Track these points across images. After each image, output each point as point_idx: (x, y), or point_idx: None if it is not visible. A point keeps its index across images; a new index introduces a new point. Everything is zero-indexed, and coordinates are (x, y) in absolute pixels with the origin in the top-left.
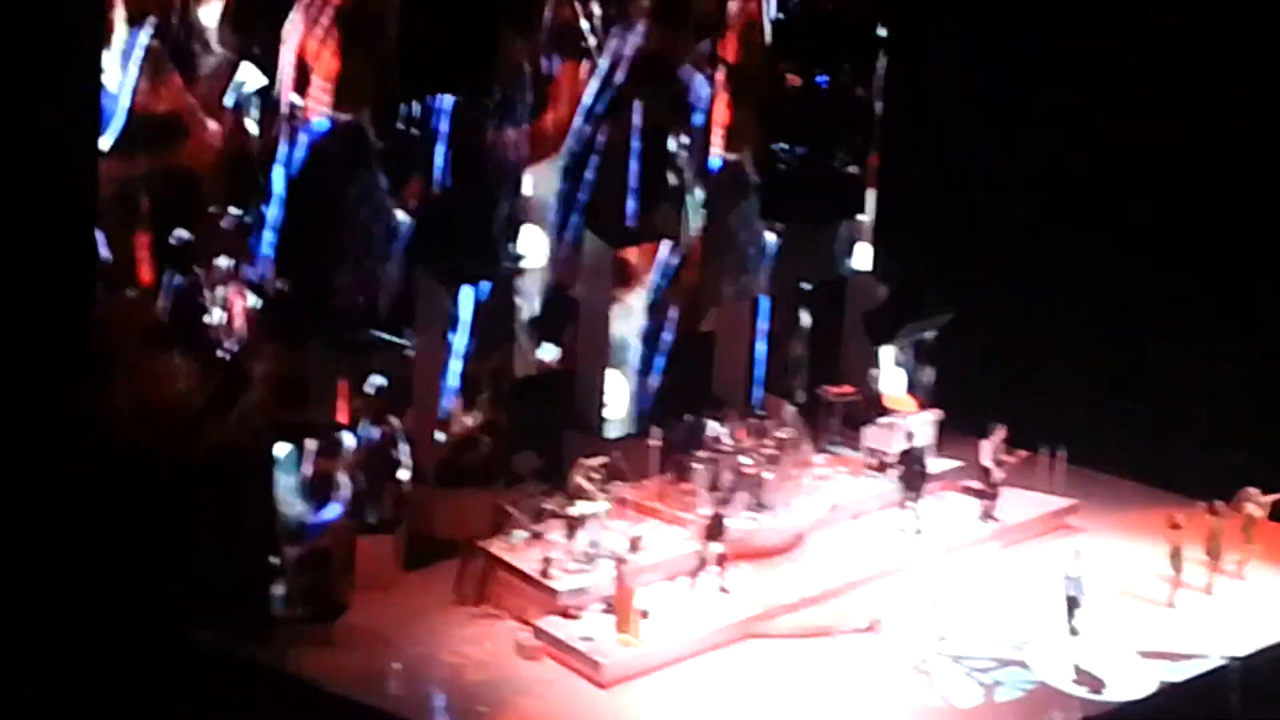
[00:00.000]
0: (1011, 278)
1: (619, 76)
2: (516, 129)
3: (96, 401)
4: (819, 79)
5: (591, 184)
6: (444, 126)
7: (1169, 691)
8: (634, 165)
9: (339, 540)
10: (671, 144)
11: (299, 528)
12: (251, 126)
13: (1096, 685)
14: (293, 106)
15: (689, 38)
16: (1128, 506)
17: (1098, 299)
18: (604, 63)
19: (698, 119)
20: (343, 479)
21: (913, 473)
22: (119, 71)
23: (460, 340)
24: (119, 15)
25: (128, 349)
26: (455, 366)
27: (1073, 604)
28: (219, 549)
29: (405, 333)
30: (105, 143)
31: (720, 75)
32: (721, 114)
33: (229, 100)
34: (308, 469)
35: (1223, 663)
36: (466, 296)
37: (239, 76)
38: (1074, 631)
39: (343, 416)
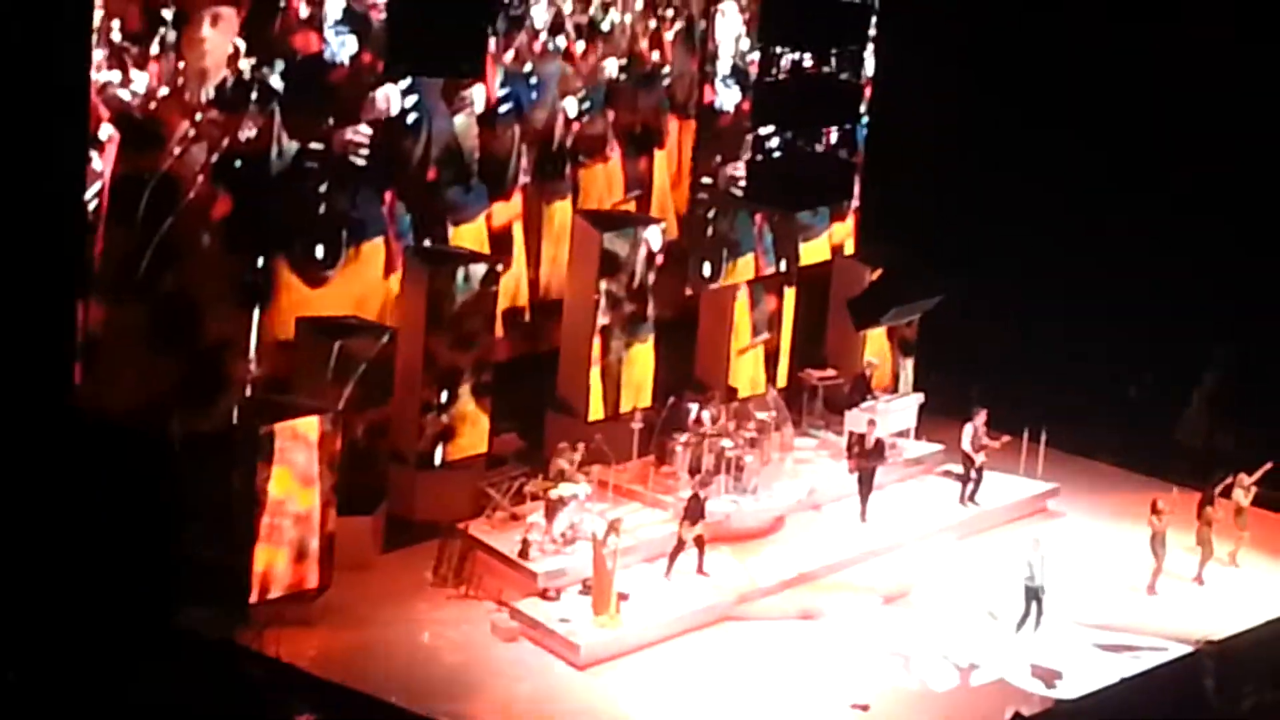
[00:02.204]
0: (996, 261)
1: None
2: None
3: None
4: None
5: None
6: None
7: (1133, 682)
8: None
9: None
10: None
11: None
12: None
13: (1052, 677)
14: None
15: None
16: (1109, 491)
17: (1083, 282)
18: None
19: None
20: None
21: (863, 458)
22: None
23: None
24: None
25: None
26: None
27: (1031, 594)
28: (200, 527)
29: None
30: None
31: None
32: None
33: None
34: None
35: (1193, 650)
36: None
37: None
38: (1024, 623)
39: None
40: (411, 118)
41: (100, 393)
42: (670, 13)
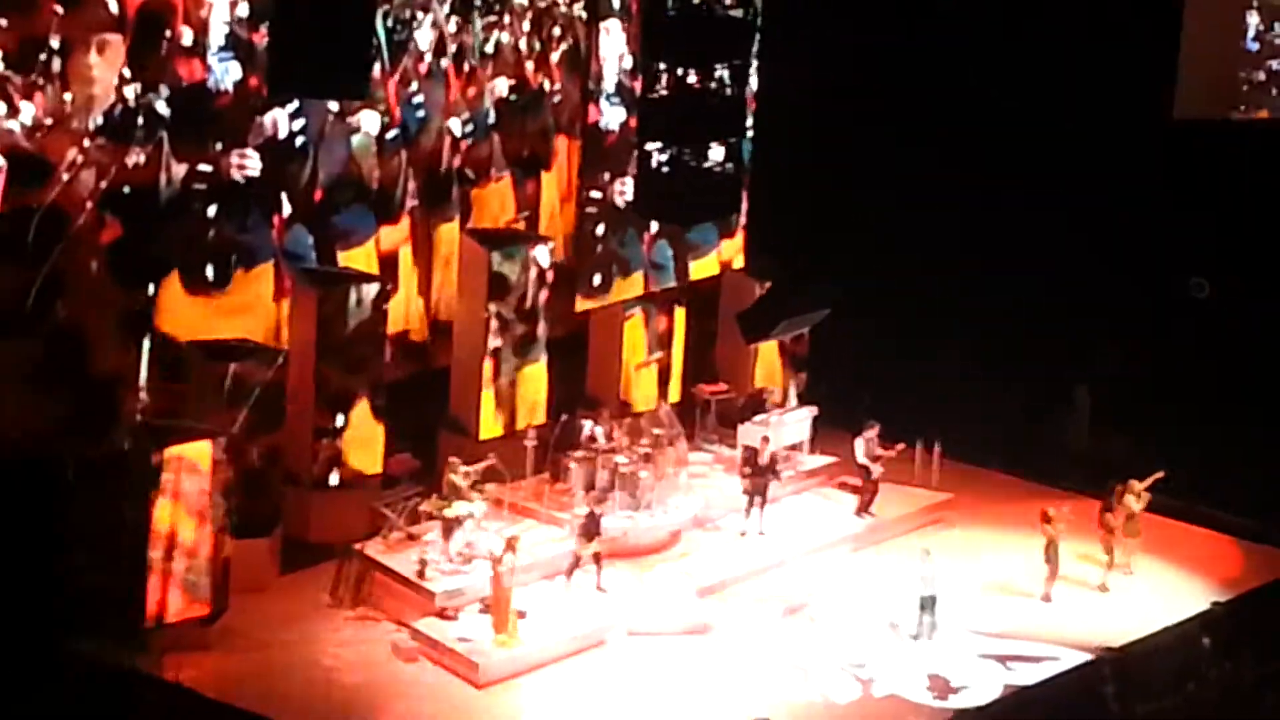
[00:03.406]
0: (886, 271)
1: None
2: None
3: None
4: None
5: None
6: None
7: (1032, 691)
8: None
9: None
10: None
11: None
12: None
13: (950, 689)
14: None
15: None
16: (1003, 500)
17: (971, 289)
18: None
19: None
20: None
21: (757, 474)
22: None
23: None
24: None
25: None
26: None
27: (924, 605)
28: (92, 554)
29: None
30: None
31: None
32: None
33: None
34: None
35: (1092, 657)
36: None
37: None
38: (919, 634)
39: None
40: (299, 141)
41: None
42: (556, 32)
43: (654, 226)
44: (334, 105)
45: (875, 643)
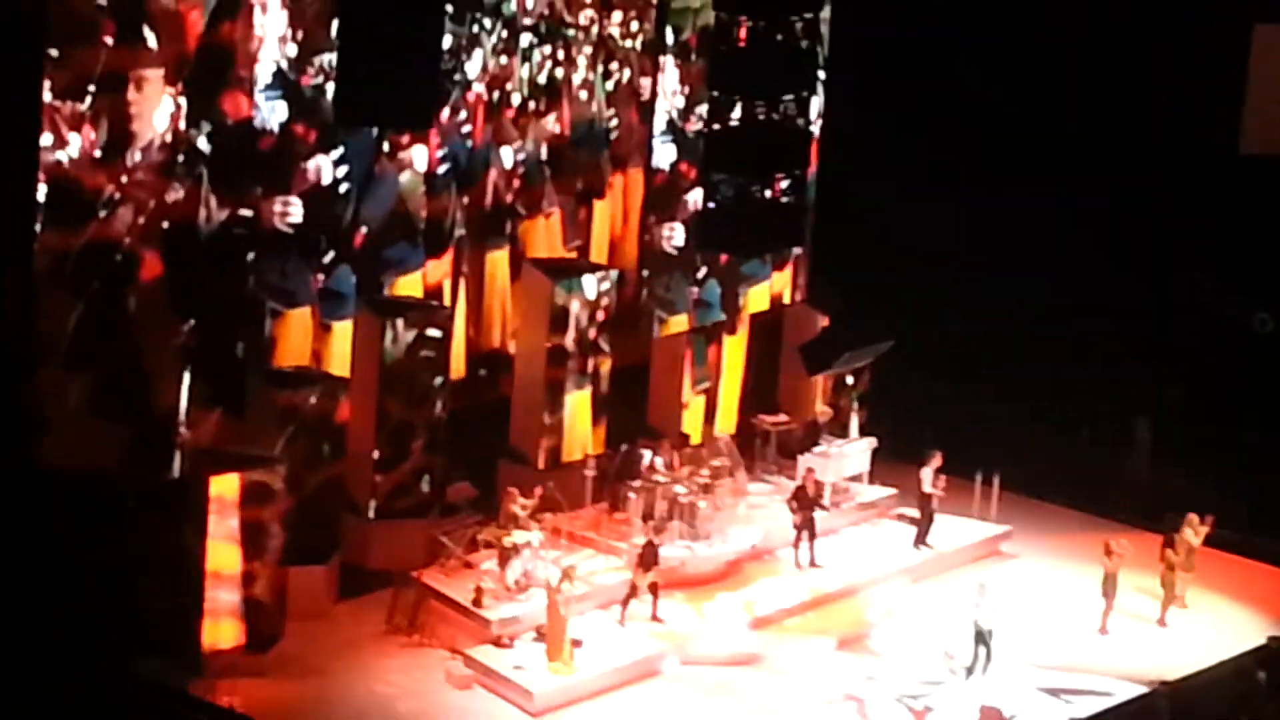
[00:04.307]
0: (947, 305)
1: None
2: None
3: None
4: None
5: None
6: None
7: None
8: None
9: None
10: None
11: None
12: None
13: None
14: None
15: None
16: (1061, 532)
17: (1035, 323)
18: None
19: None
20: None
21: (804, 506)
22: None
23: None
24: None
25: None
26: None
27: (980, 638)
28: (152, 578)
29: None
30: None
31: None
32: None
33: None
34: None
35: (1147, 691)
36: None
37: None
38: (973, 668)
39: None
40: (343, 187)
41: (56, 454)
42: (614, 66)
43: (702, 271)
44: (385, 145)
45: (930, 675)
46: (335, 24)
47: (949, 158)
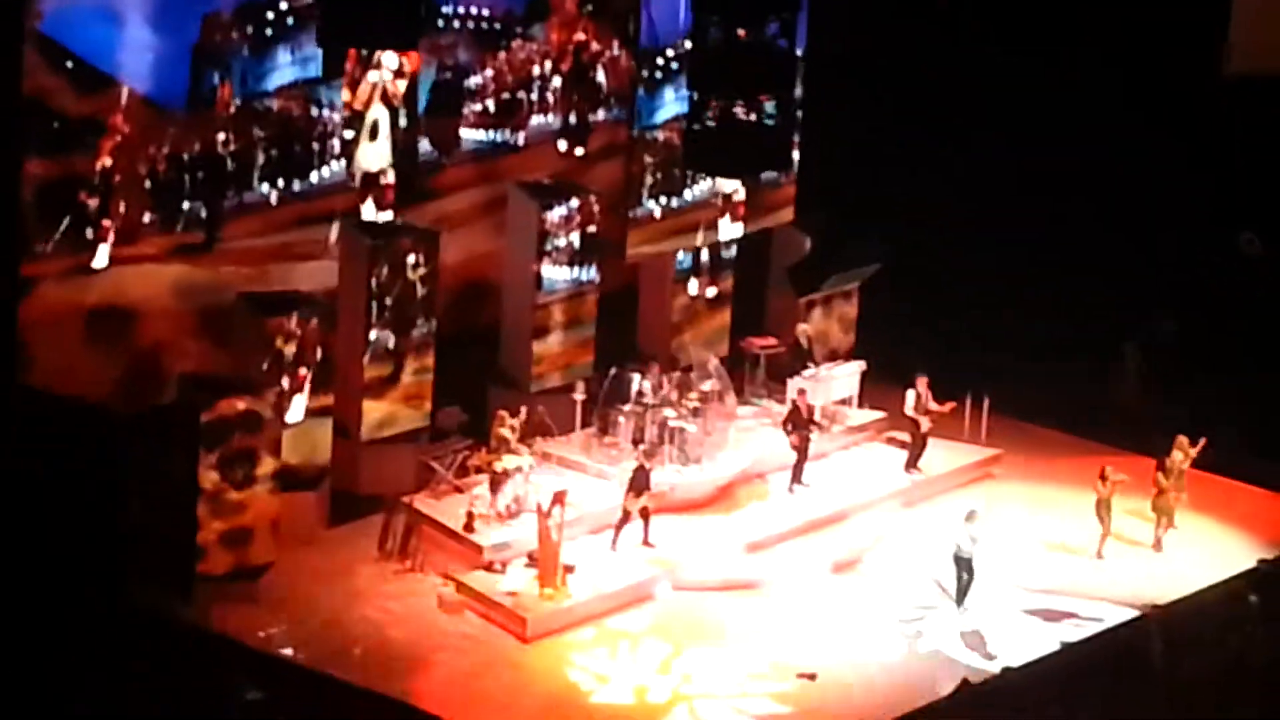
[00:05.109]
0: (937, 227)
1: None
2: None
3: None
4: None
5: None
6: None
7: (1079, 647)
8: None
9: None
10: None
11: None
12: None
13: (996, 646)
14: None
15: None
16: (1052, 456)
17: (1024, 246)
18: None
19: None
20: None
21: (799, 427)
22: None
23: None
24: None
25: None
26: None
27: (964, 565)
28: (142, 506)
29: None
30: None
31: None
32: None
33: None
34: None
35: (1139, 614)
36: None
37: None
38: (963, 594)
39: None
40: None
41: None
42: None
43: None
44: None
45: (923, 600)
46: None
47: (933, 75)
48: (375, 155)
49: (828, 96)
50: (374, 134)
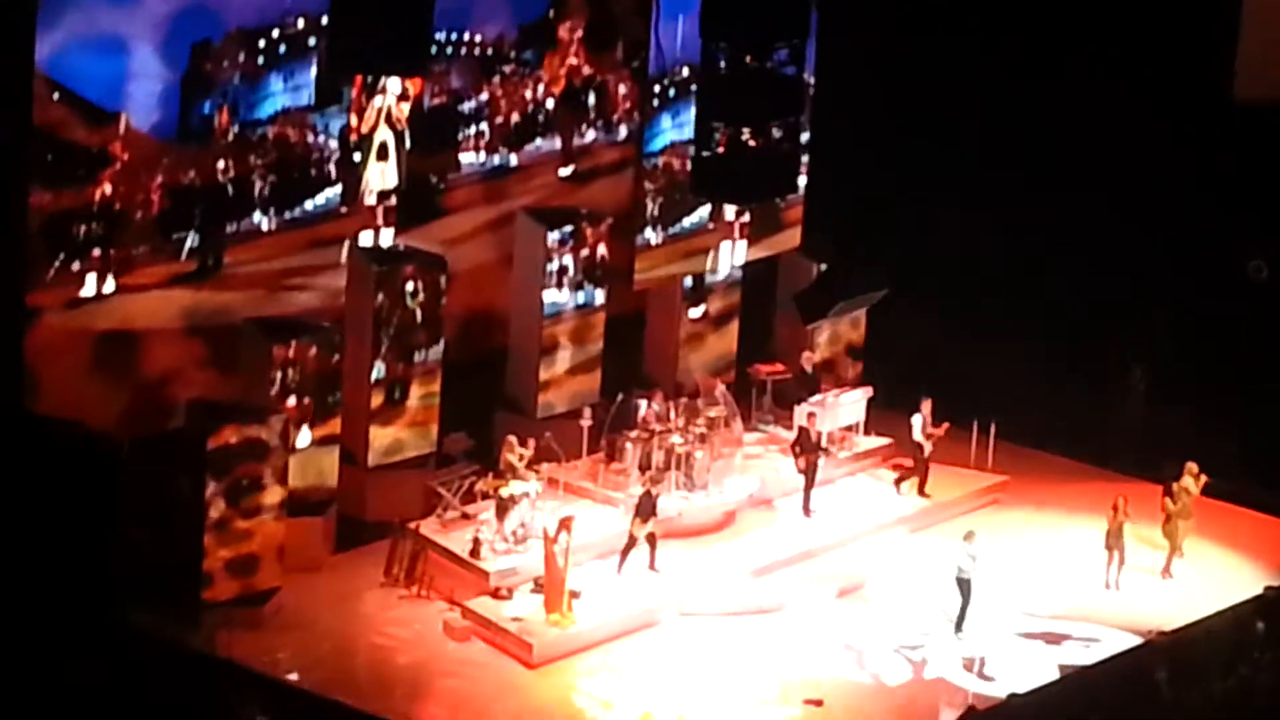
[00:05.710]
0: (942, 253)
1: None
2: None
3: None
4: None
5: None
6: None
7: (1084, 673)
8: None
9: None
10: None
11: None
12: None
13: (997, 673)
14: None
15: None
16: (1058, 482)
17: (1029, 271)
18: None
19: None
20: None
21: (806, 453)
22: None
23: None
24: None
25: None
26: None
27: (965, 587)
28: (149, 529)
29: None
30: None
31: None
32: None
33: None
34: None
35: (1144, 641)
36: None
37: None
38: (963, 617)
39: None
40: None
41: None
42: None
43: None
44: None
45: (929, 625)
46: None
47: (939, 101)
48: (385, 175)
49: (836, 122)
50: (382, 154)
